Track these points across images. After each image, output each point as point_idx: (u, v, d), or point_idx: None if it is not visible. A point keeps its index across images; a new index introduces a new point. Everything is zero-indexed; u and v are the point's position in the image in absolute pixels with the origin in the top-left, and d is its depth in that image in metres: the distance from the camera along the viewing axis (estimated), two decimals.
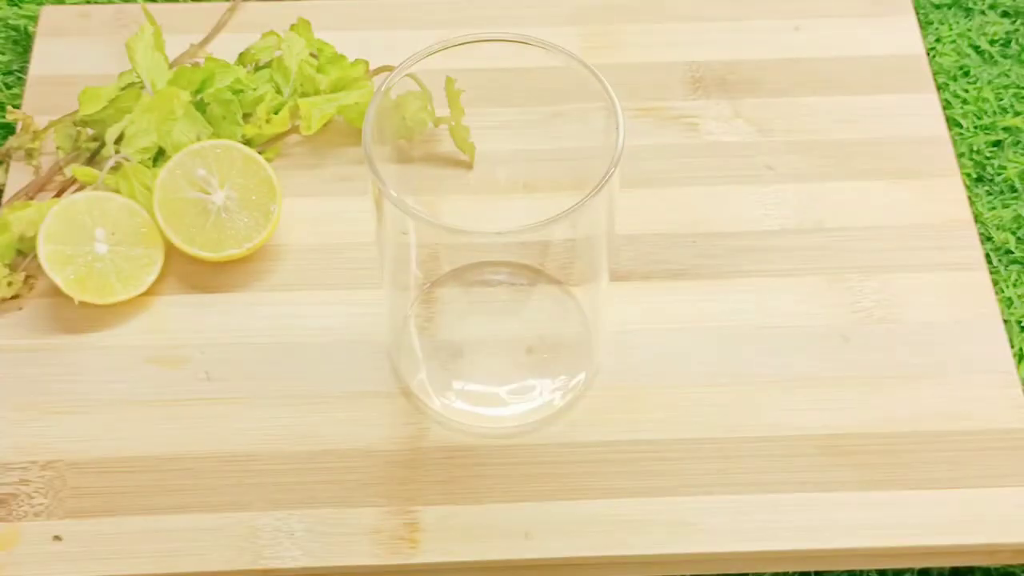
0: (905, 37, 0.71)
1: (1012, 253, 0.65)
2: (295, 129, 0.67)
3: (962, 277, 0.62)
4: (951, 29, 0.73)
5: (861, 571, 0.56)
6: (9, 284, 0.61)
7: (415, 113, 0.62)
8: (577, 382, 0.58)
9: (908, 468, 0.56)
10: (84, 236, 0.60)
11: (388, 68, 0.66)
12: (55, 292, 0.61)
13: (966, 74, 0.72)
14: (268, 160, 0.64)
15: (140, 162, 0.63)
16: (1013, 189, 0.68)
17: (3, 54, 0.73)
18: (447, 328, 0.60)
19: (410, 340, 0.60)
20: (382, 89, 0.52)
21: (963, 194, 0.65)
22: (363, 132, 0.49)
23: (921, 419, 0.58)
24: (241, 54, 0.68)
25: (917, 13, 0.73)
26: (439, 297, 0.60)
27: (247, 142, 0.65)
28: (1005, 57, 0.73)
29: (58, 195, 0.64)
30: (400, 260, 0.55)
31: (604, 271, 0.56)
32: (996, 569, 0.57)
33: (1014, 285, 0.64)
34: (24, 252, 0.62)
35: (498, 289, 0.60)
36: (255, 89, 0.66)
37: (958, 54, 0.72)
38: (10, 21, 0.74)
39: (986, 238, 0.66)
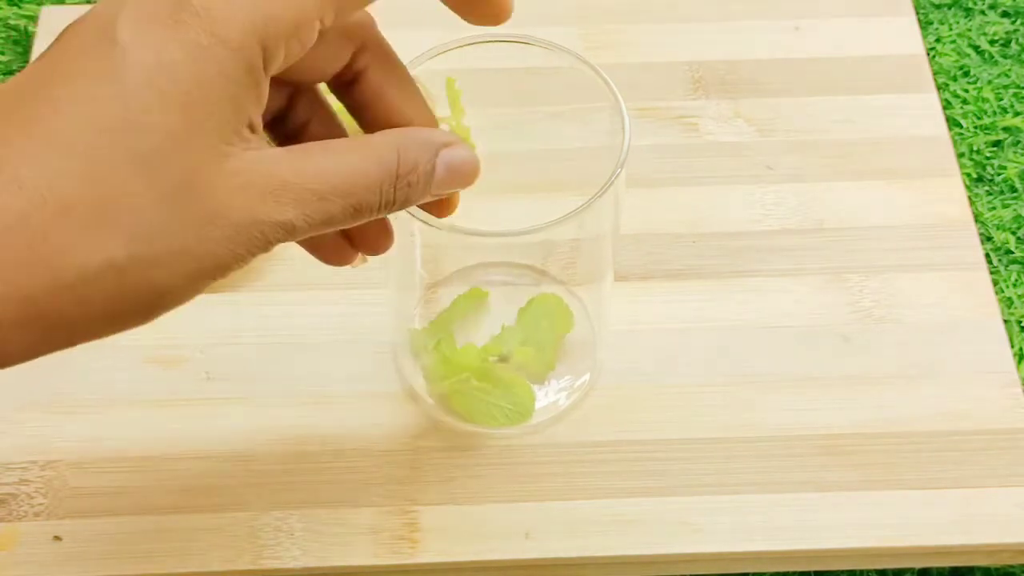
0: (905, 37, 0.71)
1: (1012, 253, 0.65)
2: None
3: (962, 277, 0.62)
4: (951, 29, 0.73)
5: (861, 571, 0.56)
6: None
7: None
8: (582, 383, 0.58)
9: (908, 468, 0.56)
10: None
11: None
12: None
13: (966, 74, 0.72)
14: None
15: None
16: (1013, 189, 0.68)
17: (3, 54, 0.73)
18: None
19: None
20: None
21: (963, 194, 0.65)
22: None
23: (921, 419, 0.58)
24: None
25: (917, 13, 0.73)
26: (443, 297, 0.59)
27: None
28: (1005, 57, 0.73)
29: None
30: (405, 260, 0.55)
31: (608, 272, 0.56)
32: (996, 569, 0.57)
33: (1014, 285, 0.64)
34: None
35: (502, 290, 0.60)
36: None
37: (958, 54, 0.72)
38: (10, 21, 0.74)
39: (986, 238, 0.66)
